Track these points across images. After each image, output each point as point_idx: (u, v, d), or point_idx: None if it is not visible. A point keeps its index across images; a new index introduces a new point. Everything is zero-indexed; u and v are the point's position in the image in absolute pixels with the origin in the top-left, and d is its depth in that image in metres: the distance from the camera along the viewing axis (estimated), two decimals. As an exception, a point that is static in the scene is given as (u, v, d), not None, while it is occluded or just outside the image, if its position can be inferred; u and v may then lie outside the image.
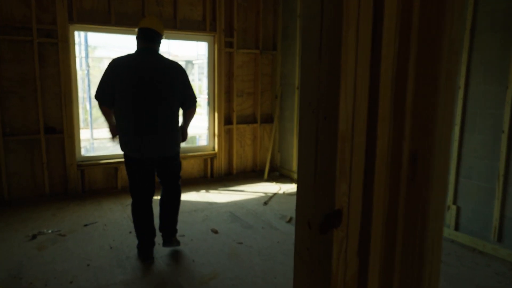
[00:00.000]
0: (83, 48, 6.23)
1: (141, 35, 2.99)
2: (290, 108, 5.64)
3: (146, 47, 2.98)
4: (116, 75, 2.85)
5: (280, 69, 5.79)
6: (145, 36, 2.98)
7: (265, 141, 6.02)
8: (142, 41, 3.00)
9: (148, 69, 2.89)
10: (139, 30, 3.00)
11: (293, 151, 5.61)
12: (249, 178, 5.72)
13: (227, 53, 5.49)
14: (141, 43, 3.01)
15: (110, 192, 4.90)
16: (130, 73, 2.84)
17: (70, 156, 4.61)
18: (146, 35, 2.98)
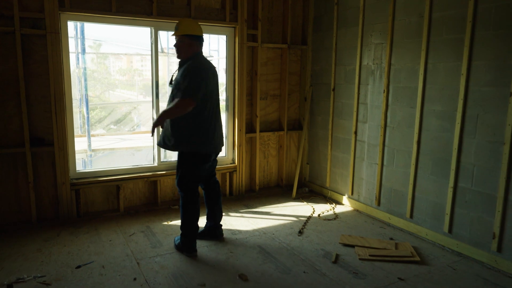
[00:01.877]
0: (79, 42, 5.41)
1: (200, 41, 3.20)
2: (323, 112, 4.76)
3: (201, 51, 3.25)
4: (206, 78, 3.04)
5: (311, 66, 4.92)
6: (202, 42, 3.24)
7: (292, 152, 5.15)
8: (200, 46, 3.22)
9: (215, 75, 3.23)
10: (199, 38, 3.17)
11: (327, 164, 4.74)
12: (274, 196, 4.86)
13: (249, 48, 4.62)
14: (199, 47, 3.21)
15: (111, 216, 4.06)
16: (211, 78, 3.12)
17: (62, 173, 3.77)
18: (202, 41, 3.23)
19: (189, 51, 3.11)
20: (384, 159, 3.95)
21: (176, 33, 3.12)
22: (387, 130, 3.89)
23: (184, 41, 3.09)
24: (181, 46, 3.11)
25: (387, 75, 3.83)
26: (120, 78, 18.53)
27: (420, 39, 3.48)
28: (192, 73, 2.98)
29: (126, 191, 4.20)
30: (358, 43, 4.14)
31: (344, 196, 4.52)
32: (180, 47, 3.11)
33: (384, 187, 3.99)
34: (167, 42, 9.86)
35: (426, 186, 3.54)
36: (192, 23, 3.15)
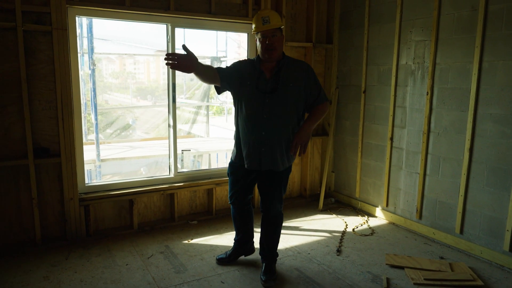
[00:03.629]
0: (86, 41, 4.95)
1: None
2: (352, 117, 4.39)
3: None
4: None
5: (337, 67, 4.54)
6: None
7: (315, 159, 4.76)
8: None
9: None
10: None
11: (357, 173, 4.36)
12: (299, 208, 4.46)
13: (272, 47, 4.23)
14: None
15: (124, 233, 3.64)
16: None
17: (69, 188, 3.35)
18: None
19: (282, 48, 2.69)
20: (427, 168, 3.58)
21: (268, 26, 2.56)
22: (431, 136, 3.52)
23: (279, 35, 2.61)
24: (277, 41, 2.60)
25: (431, 75, 3.46)
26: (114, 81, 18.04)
27: (473, 35, 3.12)
28: (315, 73, 2.79)
29: (140, 206, 3.78)
30: (395, 41, 3.77)
31: (377, 208, 4.14)
32: (277, 42, 2.60)
33: (427, 198, 3.61)
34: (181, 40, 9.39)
35: (481, 199, 3.17)
36: (278, 14, 2.67)
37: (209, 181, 4.02)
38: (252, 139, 2.64)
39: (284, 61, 2.69)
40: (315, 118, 2.68)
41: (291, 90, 2.63)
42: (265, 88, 2.63)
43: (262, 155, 2.64)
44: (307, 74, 2.70)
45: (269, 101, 2.61)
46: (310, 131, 2.64)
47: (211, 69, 2.64)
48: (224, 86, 2.70)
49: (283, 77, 2.64)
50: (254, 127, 2.63)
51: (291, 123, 2.65)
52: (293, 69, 2.69)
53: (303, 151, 2.62)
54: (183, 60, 2.32)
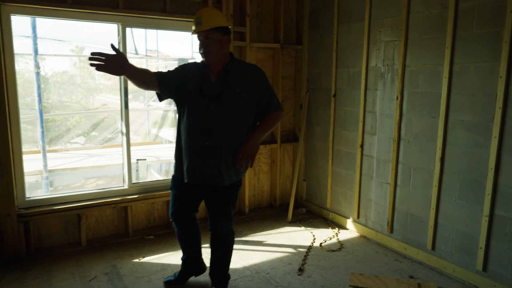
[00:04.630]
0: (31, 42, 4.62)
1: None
2: (322, 122, 4.12)
3: None
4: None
5: (307, 69, 4.28)
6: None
7: (286, 167, 4.50)
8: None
9: None
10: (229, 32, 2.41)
11: (328, 182, 4.10)
12: (267, 220, 4.19)
13: (237, 48, 3.97)
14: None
15: (71, 251, 3.34)
16: None
17: (6, 203, 3.04)
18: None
19: (225, 51, 2.38)
20: (398, 178, 3.33)
21: (200, 28, 2.29)
22: (402, 143, 3.27)
23: (215, 37, 2.31)
24: (212, 44, 2.31)
25: (401, 78, 3.21)
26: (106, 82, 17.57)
27: (444, 34, 2.87)
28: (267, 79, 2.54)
29: (90, 220, 3.49)
30: (364, 41, 3.52)
31: (349, 220, 3.88)
32: (211, 45, 2.31)
33: (398, 211, 3.36)
34: (147, 43, 8.97)
35: (453, 213, 2.92)
36: (217, 12, 2.38)
37: (168, 192, 3.72)
38: (194, 150, 2.37)
39: (231, 64, 2.42)
40: (264, 128, 2.42)
41: (238, 96, 2.36)
42: (209, 94, 2.35)
43: (205, 168, 2.37)
44: (258, 79, 2.43)
45: (213, 108, 2.34)
46: (257, 142, 2.36)
47: (147, 73, 2.36)
48: (163, 92, 2.42)
49: (230, 82, 2.37)
50: (197, 137, 2.36)
51: (239, 133, 2.38)
52: (242, 74, 2.42)
53: (250, 164, 2.34)
54: (112, 61, 2.04)
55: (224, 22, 2.39)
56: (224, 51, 2.41)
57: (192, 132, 2.36)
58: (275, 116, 2.46)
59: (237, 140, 2.37)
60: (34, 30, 4.58)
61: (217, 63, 2.38)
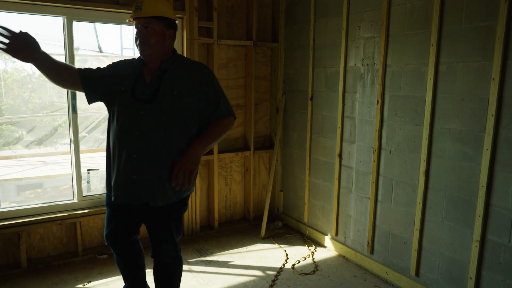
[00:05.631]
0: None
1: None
2: (299, 127, 3.74)
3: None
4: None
5: (284, 69, 3.90)
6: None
7: (262, 176, 4.11)
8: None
9: None
10: (175, 26, 2.09)
11: (305, 193, 3.71)
12: (239, 235, 3.80)
13: (203, 46, 3.58)
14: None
15: (9, 274, 2.94)
16: None
17: None
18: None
19: (167, 45, 2.01)
20: (379, 192, 2.94)
21: (139, 14, 1.92)
22: (383, 154, 2.88)
23: (156, 27, 1.95)
24: (152, 35, 1.95)
25: (382, 80, 2.82)
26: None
27: (428, 30, 2.49)
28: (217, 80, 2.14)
29: (34, 238, 3.09)
30: (342, 38, 3.13)
31: (327, 237, 3.49)
32: (150, 36, 1.95)
33: (379, 229, 2.97)
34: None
35: (439, 235, 2.53)
36: (162, 0, 2.02)
37: (124, 205, 3.33)
38: (121, 163, 1.97)
39: (171, 61, 2.03)
40: (208, 138, 2.02)
41: (177, 99, 1.97)
42: (141, 96, 1.96)
43: (133, 184, 1.97)
44: (202, 80, 2.04)
45: (144, 113, 1.94)
46: (197, 155, 1.96)
47: (68, 68, 1.98)
48: (88, 93, 2.03)
49: (167, 82, 1.98)
50: (125, 147, 1.96)
51: (176, 144, 1.99)
52: (182, 73, 2.04)
53: (187, 182, 1.94)
54: (17, 41, 1.67)
55: (169, 13, 2.02)
56: (166, 47, 2.03)
57: (120, 140, 1.97)
58: (223, 124, 2.07)
59: (174, 153, 1.97)
60: None
61: (155, 59, 2.00)
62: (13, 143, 9.21)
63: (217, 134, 2.04)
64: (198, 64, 2.13)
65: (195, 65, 2.11)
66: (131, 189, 1.97)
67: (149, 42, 1.94)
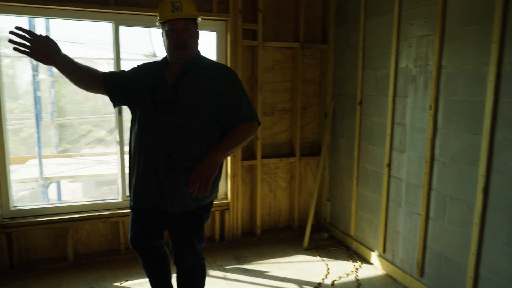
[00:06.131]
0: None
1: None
2: (347, 134, 3.51)
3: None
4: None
5: (333, 71, 3.69)
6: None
7: (309, 183, 3.93)
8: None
9: None
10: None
11: (352, 204, 3.46)
12: (281, 243, 3.66)
13: (247, 48, 3.51)
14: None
15: (56, 267, 3.11)
16: None
17: (-13, 213, 2.89)
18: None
19: (198, 45, 2.03)
20: (430, 208, 2.63)
21: (180, 14, 1.87)
22: (435, 165, 2.57)
23: (193, 29, 1.94)
24: (191, 37, 1.93)
25: (436, 82, 2.52)
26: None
27: (490, 24, 2.15)
28: (241, 82, 2.03)
29: (81, 234, 3.24)
30: (393, 37, 2.86)
31: (374, 253, 3.22)
32: (190, 38, 1.93)
33: (430, 250, 2.65)
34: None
35: (499, 263, 2.18)
36: (192, 1, 1.97)
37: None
38: (140, 167, 1.95)
39: (193, 62, 1.97)
40: (228, 143, 1.92)
41: (197, 102, 1.90)
42: (162, 99, 1.93)
43: (152, 190, 1.94)
44: (225, 82, 1.96)
45: (163, 116, 1.90)
46: (214, 162, 1.86)
47: (91, 71, 2.01)
48: (112, 96, 2.05)
49: (188, 84, 1.92)
50: (143, 151, 1.94)
51: (196, 149, 1.92)
52: (205, 74, 1.97)
53: (204, 189, 1.85)
54: (40, 44, 1.73)
55: (199, 15, 2.00)
56: (197, 48, 2.03)
57: (139, 144, 1.95)
58: (245, 128, 1.96)
59: (194, 158, 1.90)
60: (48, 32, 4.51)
61: (181, 63, 1.97)
62: (94, 143, 9.95)
63: (238, 140, 1.93)
64: (221, 65, 2.05)
65: (217, 66, 2.03)
66: (149, 194, 1.95)
67: (188, 44, 1.92)
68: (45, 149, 5.50)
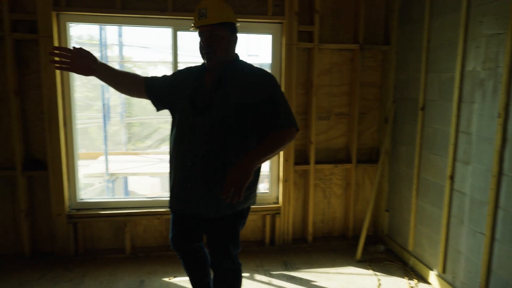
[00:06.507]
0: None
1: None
2: (408, 141, 3.27)
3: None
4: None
5: (395, 74, 3.46)
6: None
7: (366, 192, 3.74)
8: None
9: None
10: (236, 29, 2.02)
11: (411, 217, 3.22)
12: (333, 252, 3.52)
13: (303, 51, 3.44)
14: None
15: (114, 258, 3.33)
16: None
17: (57, 203, 3.19)
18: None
19: (231, 52, 2.01)
20: (497, 229, 2.34)
21: (204, 21, 1.89)
22: (503, 181, 2.28)
23: (221, 34, 1.91)
24: (217, 42, 1.91)
25: (506, 87, 2.23)
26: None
27: None
28: (281, 89, 1.99)
29: (138, 229, 3.43)
30: (459, 36, 2.60)
31: (432, 272, 2.95)
32: (216, 44, 1.91)
33: (495, 275, 2.36)
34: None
35: None
36: (225, 4, 1.96)
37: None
38: (177, 171, 1.99)
39: (230, 67, 1.97)
40: (263, 150, 1.87)
41: (232, 107, 1.90)
42: (199, 104, 1.95)
43: (187, 194, 1.97)
44: (262, 87, 1.92)
45: (199, 121, 1.92)
46: (248, 169, 1.81)
47: (132, 77, 2.09)
48: (153, 100, 2.12)
49: (223, 90, 1.92)
50: (180, 155, 1.97)
51: (232, 154, 1.91)
52: (241, 79, 1.95)
53: (237, 196, 1.82)
54: (77, 58, 1.85)
55: (233, 18, 1.97)
56: (230, 53, 1.99)
57: (176, 148, 2.00)
58: (282, 135, 1.90)
59: (228, 163, 1.90)
60: (101, 36, 4.86)
61: (219, 66, 1.97)
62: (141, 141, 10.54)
63: (274, 147, 1.88)
64: (259, 70, 2.02)
65: (255, 71, 2.00)
66: (184, 198, 1.98)
67: (215, 50, 1.91)
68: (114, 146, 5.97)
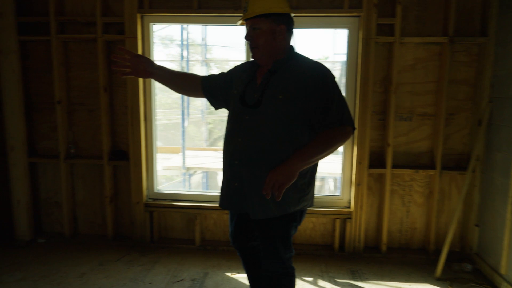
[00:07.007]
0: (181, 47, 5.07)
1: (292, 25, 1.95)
2: (506, 147, 2.82)
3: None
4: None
5: (492, 70, 3.02)
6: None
7: (454, 202, 3.33)
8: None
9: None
10: (291, 20, 1.92)
11: (505, 234, 2.78)
12: (409, 266, 3.21)
13: (383, 46, 3.19)
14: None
15: (185, 248, 3.47)
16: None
17: (136, 191, 3.44)
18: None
19: (278, 43, 1.86)
20: None
21: (246, 15, 1.83)
22: None
23: (263, 27, 1.82)
24: (259, 36, 1.83)
25: None
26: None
27: None
28: (336, 84, 1.84)
29: (208, 222, 3.53)
30: None
31: (528, 302, 2.51)
32: (258, 38, 1.84)
33: None
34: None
35: None
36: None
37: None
38: (226, 169, 1.97)
39: (282, 62, 1.88)
40: (312, 150, 1.75)
41: (281, 104, 1.81)
42: (249, 100, 1.90)
43: (235, 193, 1.93)
44: (314, 82, 1.80)
45: (249, 118, 1.87)
46: (293, 169, 1.70)
47: (189, 77, 2.13)
48: (210, 99, 2.13)
49: (274, 85, 1.85)
50: (229, 153, 1.94)
51: (281, 152, 1.82)
52: (293, 74, 1.85)
53: (277, 195, 1.72)
54: (137, 62, 1.94)
55: (278, 7, 1.83)
56: (278, 45, 1.87)
57: (226, 146, 1.97)
58: (334, 134, 1.76)
59: (278, 162, 1.81)
60: (182, 36, 5.04)
61: (267, 61, 1.90)
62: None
63: (324, 146, 1.75)
64: (314, 63, 1.89)
65: (309, 65, 1.88)
66: (232, 196, 1.95)
67: (258, 44, 1.85)
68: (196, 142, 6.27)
